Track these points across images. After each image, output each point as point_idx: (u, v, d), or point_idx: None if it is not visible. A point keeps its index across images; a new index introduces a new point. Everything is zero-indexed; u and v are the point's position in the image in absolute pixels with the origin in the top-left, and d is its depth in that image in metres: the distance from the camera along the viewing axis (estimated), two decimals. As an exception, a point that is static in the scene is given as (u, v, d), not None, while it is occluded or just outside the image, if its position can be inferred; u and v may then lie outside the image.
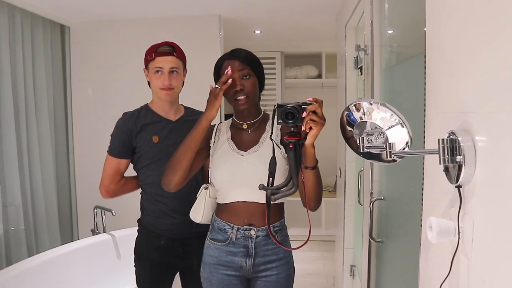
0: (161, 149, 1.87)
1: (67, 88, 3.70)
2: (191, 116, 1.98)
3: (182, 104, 2.01)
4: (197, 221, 1.72)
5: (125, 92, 3.55)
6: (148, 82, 1.95)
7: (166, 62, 1.84)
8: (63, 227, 3.60)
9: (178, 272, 2.03)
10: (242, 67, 1.58)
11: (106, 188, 1.93)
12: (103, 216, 3.19)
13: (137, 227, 2.02)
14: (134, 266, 1.98)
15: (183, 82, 1.95)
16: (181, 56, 1.90)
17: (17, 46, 3.06)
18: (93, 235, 3.14)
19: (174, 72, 1.86)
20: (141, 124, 1.89)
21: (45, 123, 3.35)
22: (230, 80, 1.53)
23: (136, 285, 1.99)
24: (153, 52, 1.85)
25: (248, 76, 1.58)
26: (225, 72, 1.55)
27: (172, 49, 1.87)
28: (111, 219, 3.17)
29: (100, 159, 2.00)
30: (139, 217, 2.01)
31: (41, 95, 3.31)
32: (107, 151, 1.93)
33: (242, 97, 1.56)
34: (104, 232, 3.15)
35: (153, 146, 1.87)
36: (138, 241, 1.99)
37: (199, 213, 1.69)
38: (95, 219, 3.19)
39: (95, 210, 3.19)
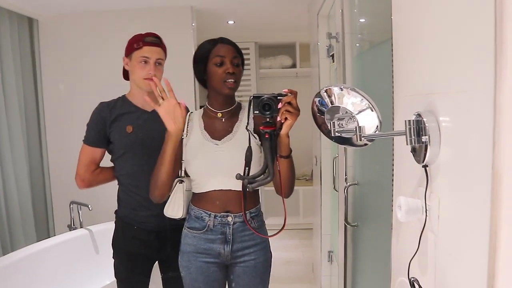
0: (134, 140, 1.86)
1: (38, 84, 3.62)
2: None
3: None
4: (177, 217, 1.70)
5: (97, 85, 3.49)
6: (124, 72, 1.93)
7: (153, 52, 1.84)
8: (39, 224, 3.54)
9: (157, 262, 2.03)
10: (235, 55, 1.62)
11: (81, 178, 1.91)
12: (80, 211, 3.16)
13: (114, 220, 2.01)
14: (113, 257, 1.97)
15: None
16: (165, 49, 1.91)
17: (-17, 40, 2.98)
18: (70, 230, 3.11)
19: (158, 64, 1.86)
20: (116, 114, 1.88)
21: (16, 120, 3.27)
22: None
23: (114, 277, 1.99)
24: (141, 41, 1.83)
25: (238, 65, 1.62)
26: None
27: (159, 41, 1.88)
28: (87, 214, 3.15)
29: (74, 154, 1.98)
30: (116, 209, 2.00)
31: (11, 91, 3.23)
32: (83, 140, 1.92)
33: (232, 80, 1.58)
34: (81, 227, 3.12)
35: (126, 136, 1.86)
36: (114, 233, 1.99)
37: (180, 209, 1.68)
38: (72, 214, 3.16)
39: (71, 206, 3.15)
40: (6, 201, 3.15)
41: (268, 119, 1.42)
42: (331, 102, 1.15)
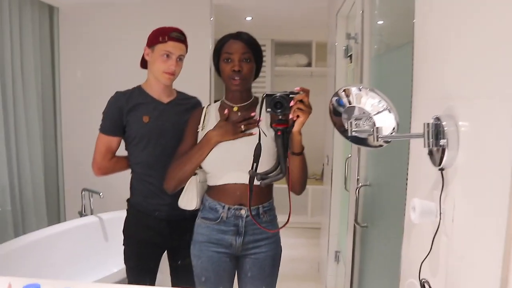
0: (150, 130, 1.89)
1: (56, 70, 3.67)
2: (182, 100, 2.01)
3: (174, 88, 2.03)
4: (191, 209, 1.74)
5: (114, 74, 3.53)
6: (143, 62, 1.95)
7: (177, 48, 1.86)
8: (50, 209, 3.60)
9: (166, 252, 2.06)
10: (244, 50, 1.63)
11: (98, 166, 1.94)
12: (91, 199, 3.20)
13: (126, 208, 2.04)
14: (123, 245, 2.00)
15: None
16: (187, 46, 1.93)
17: (4, 26, 3.02)
18: (81, 217, 3.15)
19: (179, 60, 1.88)
20: (132, 103, 1.89)
21: (33, 105, 3.32)
22: (254, 131, 1.61)
23: (123, 264, 2.02)
24: (166, 36, 1.85)
25: (248, 60, 1.63)
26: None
27: (183, 37, 1.90)
28: (98, 202, 3.19)
29: (88, 141, 2.01)
30: (128, 198, 2.03)
31: (29, 76, 3.28)
32: (99, 128, 1.94)
33: (238, 78, 1.61)
34: (91, 215, 3.16)
35: (143, 126, 1.88)
36: (126, 220, 2.02)
37: (193, 201, 1.72)
38: (83, 201, 3.20)
39: (82, 193, 3.20)
40: (20, 184, 3.20)
41: (280, 117, 1.44)
42: (349, 102, 1.15)
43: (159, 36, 1.86)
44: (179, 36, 1.87)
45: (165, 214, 1.92)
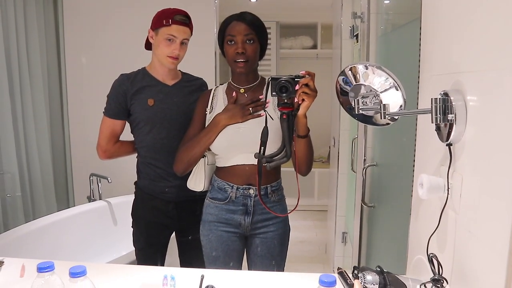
0: (155, 113, 1.88)
1: (61, 56, 3.67)
2: (187, 82, 1.99)
3: (179, 70, 2.01)
4: (198, 190, 1.75)
5: (118, 60, 3.51)
6: (148, 44, 1.94)
7: (181, 32, 1.82)
8: (59, 194, 3.63)
9: (174, 233, 2.08)
10: (247, 32, 1.60)
11: (103, 149, 1.94)
12: (99, 184, 3.22)
13: (134, 192, 2.05)
14: (132, 227, 2.03)
15: None
16: (192, 28, 1.89)
17: (9, 15, 3.01)
18: (89, 202, 3.19)
19: (184, 44, 1.85)
20: (137, 87, 1.88)
21: (39, 91, 3.33)
22: (262, 112, 1.60)
23: (132, 247, 2.04)
24: (170, 19, 1.81)
25: (251, 41, 1.61)
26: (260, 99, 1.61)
27: (188, 20, 1.86)
28: (107, 187, 3.21)
29: (95, 126, 2.01)
30: (136, 180, 2.05)
31: (35, 62, 3.29)
32: (103, 111, 1.93)
33: (241, 60, 1.59)
34: (100, 199, 3.19)
35: (147, 108, 1.87)
36: (134, 203, 2.03)
37: (201, 182, 1.74)
38: (91, 186, 3.23)
39: (91, 178, 3.22)
40: (29, 170, 3.23)
41: (285, 100, 1.43)
42: (356, 80, 1.15)
43: (163, 19, 1.83)
44: (183, 19, 1.83)
45: (172, 196, 1.93)
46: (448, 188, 0.91)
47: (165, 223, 1.98)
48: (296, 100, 1.41)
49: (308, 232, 4.45)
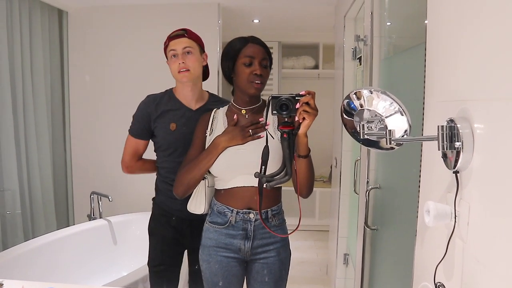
0: (177, 137, 1.90)
1: (65, 74, 3.70)
2: (212, 105, 1.96)
3: (207, 91, 2.03)
4: (199, 213, 1.75)
5: (122, 79, 3.55)
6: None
7: (178, 43, 1.86)
8: (59, 212, 3.62)
9: (187, 258, 2.09)
10: (264, 56, 1.63)
11: (126, 165, 2.01)
12: (100, 202, 3.21)
13: (151, 208, 2.09)
14: (149, 243, 2.05)
15: (207, 68, 2.00)
16: (193, 37, 1.91)
17: (15, 30, 3.04)
18: (90, 220, 3.17)
19: (188, 53, 1.87)
20: (161, 110, 1.92)
21: (42, 108, 3.34)
22: (262, 134, 1.61)
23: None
24: (167, 39, 1.89)
25: (265, 66, 1.63)
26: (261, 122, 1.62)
27: (183, 32, 1.89)
28: (107, 205, 3.20)
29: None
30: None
31: (39, 80, 3.31)
32: (128, 130, 1.99)
33: (259, 82, 1.60)
34: (100, 218, 3.17)
35: (170, 133, 1.90)
36: (151, 218, 2.08)
37: (201, 205, 1.73)
38: (92, 204, 3.21)
39: (91, 196, 3.21)
40: (29, 187, 3.22)
41: (286, 119, 1.44)
42: (360, 105, 1.15)
43: (164, 44, 1.92)
44: (178, 33, 1.88)
45: (186, 214, 1.92)
46: (455, 216, 0.90)
47: (179, 239, 2.01)
48: (296, 119, 1.42)
49: (309, 252, 4.42)
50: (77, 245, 2.88)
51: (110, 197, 3.07)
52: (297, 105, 1.40)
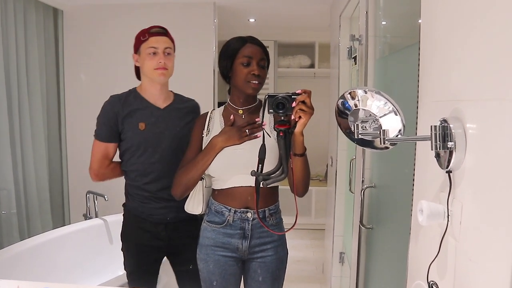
0: (147, 137, 1.85)
1: (60, 73, 3.68)
2: (180, 104, 1.96)
3: (171, 91, 1.99)
4: (197, 213, 1.75)
5: (118, 77, 3.52)
6: (136, 69, 1.93)
7: (160, 42, 1.83)
8: (55, 211, 3.61)
9: (169, 261, 2.04)
10: (262, 56, 1.64)
11: (95, 172, 1.91)
12: (96, 201, 3.20)
13: (122, 214, 2.01)
14: (121, 250, 1.98)
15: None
16: (172, 39, 1.89)
17: (9, 29, 3.03)
18: (85, 219, 3.16)
19: (167, 54, 1.84)
20: (128, 110, 1.85)
21: (38, 107, 3.33)
22: (259, 134, 1.60)
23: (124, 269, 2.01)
24: (146, 33, 1.83)
25: (263, 67, 1.64)
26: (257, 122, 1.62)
27: (165, 30, 1.87)
28: (103, 204, 3.19)
29: (92, 144, 2.01)
30: (124, 202, 2.01)
31: (34, 79, 3.30)
32: (94, 135, 1.90)
33: (256, 82, 1.61)
34: (96, 217, 3.17)
35: (139, 133, 1.84)
36: (124, 225, 1.99)
37: (199, 205, 1.73)
38: (88, 204, 3.21)
39: (87, 195, 3.20)
40: (25, 187, 3.21)
41: (282, 118, 1.44)
42: (355, 105, 1.15)
43: (140, 37, 1.86)
44: (159, 30, 1.85)
45: (161, 218, 1.90)
46: (448, 215, 0.91)
47: (155, 245, 1.93)
48: (293, 117, 1.43)
49: (305, 251, 4.43)
50: (73, 245, 2.87)
51: (106, 196, 3.06)
52: (293, 104, 1.41)
